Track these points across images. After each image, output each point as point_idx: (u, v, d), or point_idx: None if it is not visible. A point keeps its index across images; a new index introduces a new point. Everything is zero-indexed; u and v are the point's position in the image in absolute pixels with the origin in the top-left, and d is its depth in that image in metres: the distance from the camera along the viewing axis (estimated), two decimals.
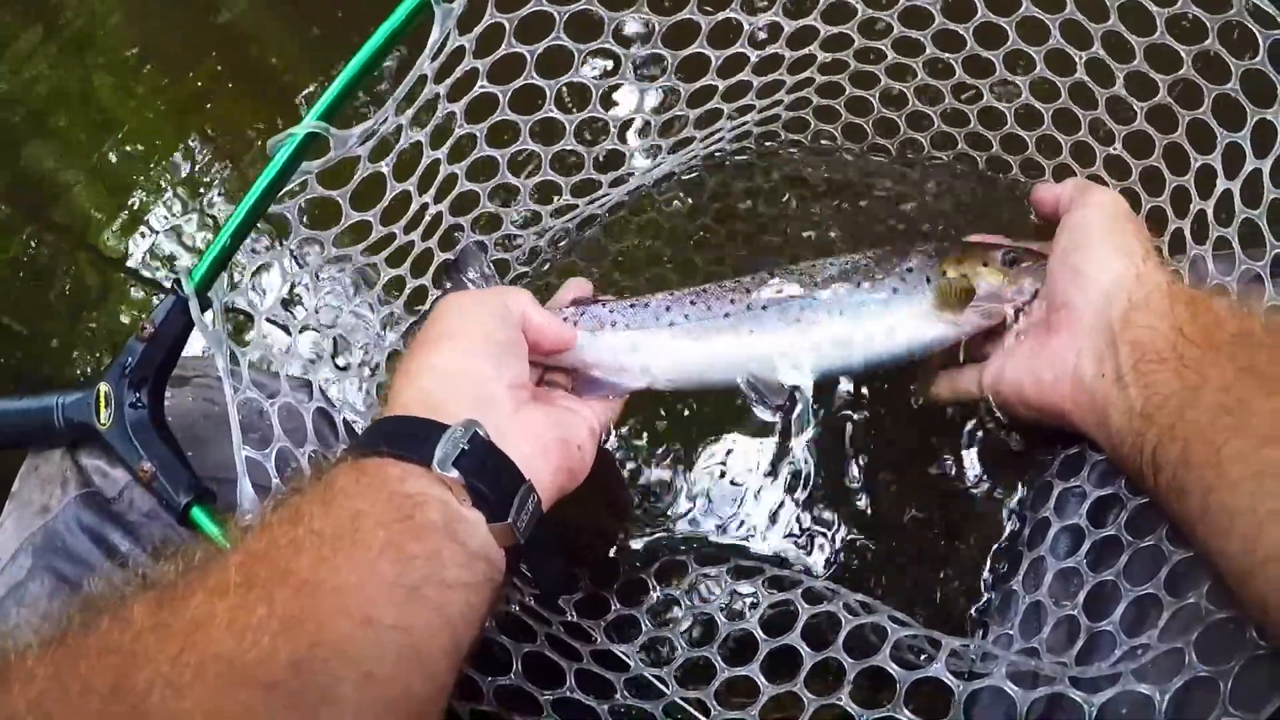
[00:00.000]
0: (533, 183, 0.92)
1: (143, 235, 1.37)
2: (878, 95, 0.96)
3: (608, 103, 0.91)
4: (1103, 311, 0.66)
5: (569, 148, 0.92)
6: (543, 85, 0.84)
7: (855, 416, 0.87)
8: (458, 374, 0.63)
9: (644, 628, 0.76)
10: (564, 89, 0.87)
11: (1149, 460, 0.58)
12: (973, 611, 0.78)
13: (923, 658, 0.64)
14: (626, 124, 0.96)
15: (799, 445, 0.87)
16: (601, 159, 0.96)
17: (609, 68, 0.90)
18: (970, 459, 0.84)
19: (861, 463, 0.87)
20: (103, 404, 0.65)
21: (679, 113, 0.96)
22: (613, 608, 0.78)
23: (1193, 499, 0.54)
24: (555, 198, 0.95)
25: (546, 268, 1.00)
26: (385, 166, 0.77)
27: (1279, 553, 0.48)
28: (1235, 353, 0.57)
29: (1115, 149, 0.83)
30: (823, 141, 1.03)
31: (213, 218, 1.36)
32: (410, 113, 0.74)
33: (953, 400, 0.80)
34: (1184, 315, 0.61)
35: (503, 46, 0.79)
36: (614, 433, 0.89)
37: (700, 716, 0.66)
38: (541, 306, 0.72)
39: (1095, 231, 0.70)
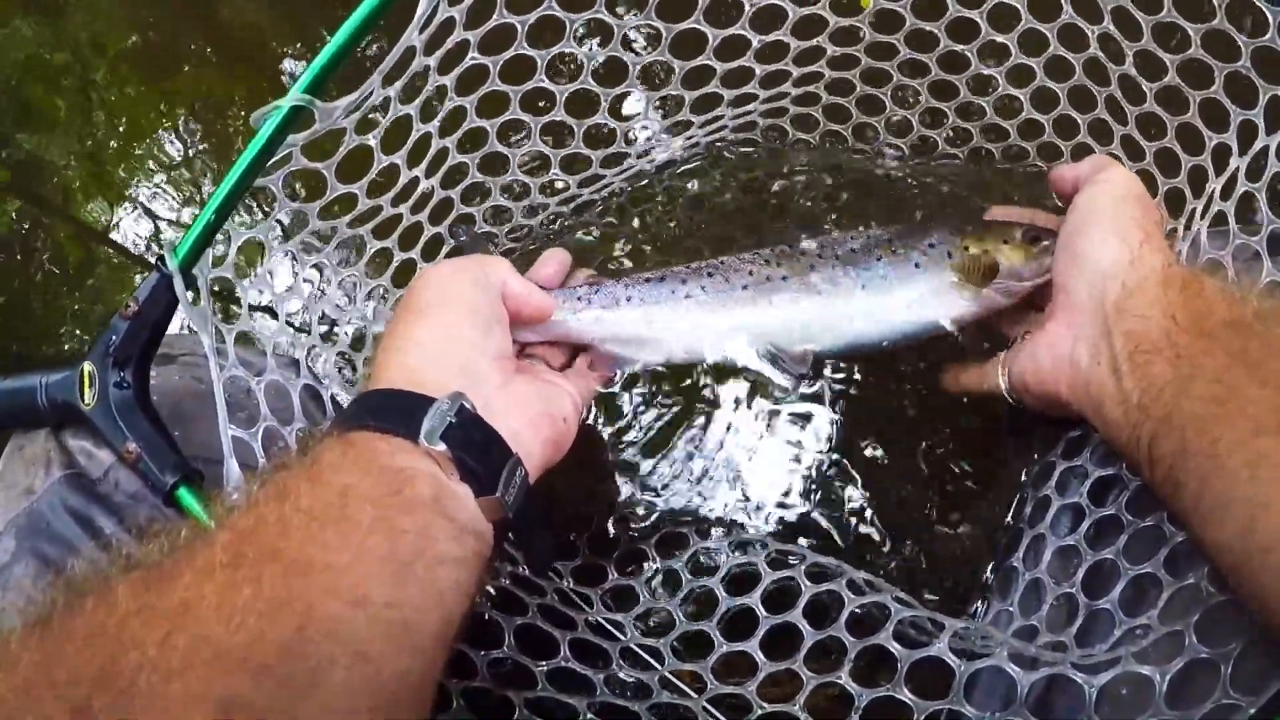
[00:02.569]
0: (521, 152, 0.90)
1: (128, 210, 1.36)
2: (889, 93, 0.94)
3: (600, 78, 0.89)
4: (1097, 297, 0.66)
5: (559, 118, 0.89)
6: (533, 56, 0.82)
7: (861, 390, 0.87)
8: (442, 347, 0.62)
9: (641, 598, 0.75)
10: (556, 60, 0.85)
11: (1146, 453, 0.58)
12: (977, 586, 0.78)
13: (924, 636, 0.64)
14: (620, 98, 0.93)
15: (803, 419, 0.87)
16: (595, 135, 0.94)
17: (601, 40, 0.88)
18: (975, 435, 0.84)
19: (865, 437, 0.86)
20: (87, 384, 0.64)
21: (673, 91, 0.94)
22: (610, 577, 0.77)
23: (1189, 489, 0.54)
24: (546, 172, 0.94)
25: (534, 246, 0.98)
26: (373, 139, 0.76)
27: (1275, 541, 0.48)
28: (1227, 340, 0.57)
29: (1128, 129, 0.83)
30: (829, 143, 1.01)
31: (199, 191, 1.35)
32: (399, 85, 0.73)
33: (982, 393, 0.79)
34: (1177, 301, 0.61)
35: (493, 17, 0.77)
36: (608, 401, 0.88)
37: (692, 694, 0.66)
38: (520, 275, 0.71)
39: (1097, 214, 0.69)
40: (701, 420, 0.88)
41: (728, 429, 0.88)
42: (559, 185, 0.96)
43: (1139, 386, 0.60)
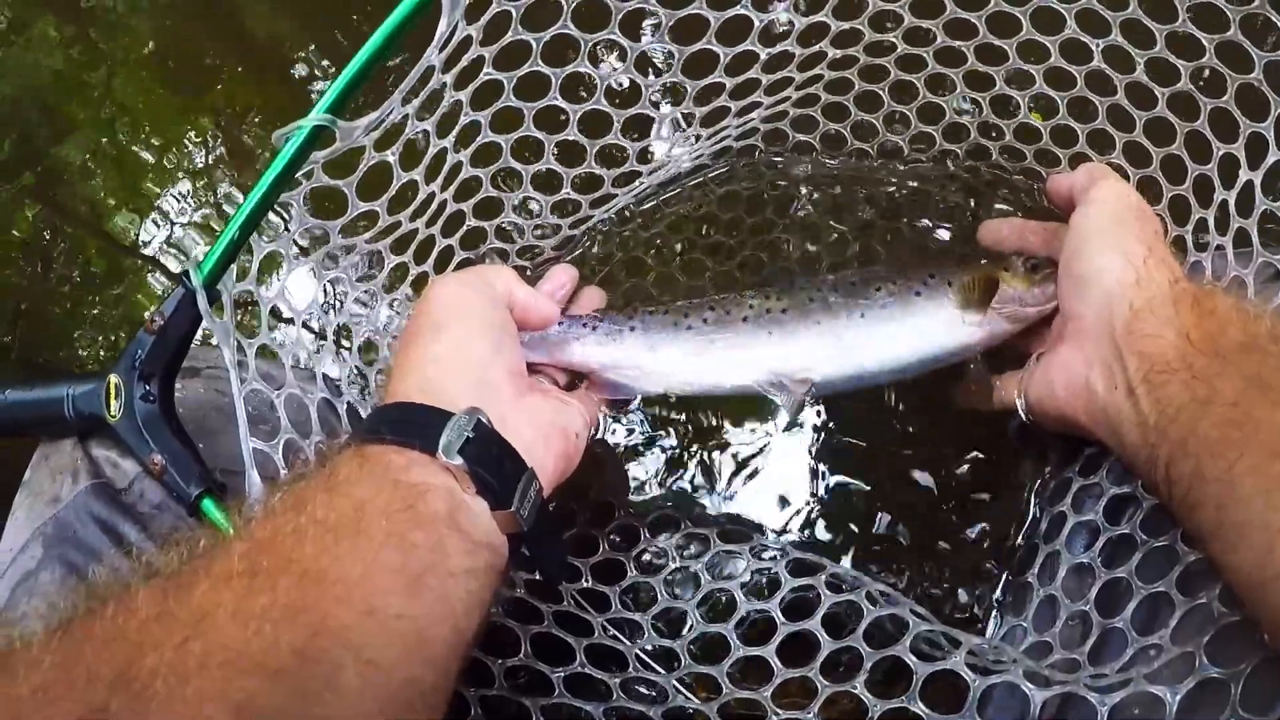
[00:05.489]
0: (534, 169, 0.91)
1: (154, 222, 1.38)
2: (887, 89, 0.94)
3: (613, 97, 0.89)
4: (1105, 320, 0.65)
5: (571, 138, 0.90)
6: (548, 73, 0.83)
7: (874, 404, 0.87)
8: (458, 362, 0.63)
9: (660, 598, 0.76)
10: (569, 79, 0.85)
11: (1163, 475, 0.58)
12: (993, 601, 0.78)
13: (939, 652, 0.64)
14: (633, 120, 0.93)
15: (817, 434, 0.87)
16: (607, 154, 0.94)
17: (616, 62, 0.88)
18: (988, 449, 0.84)
19: (878, 450, 0.86)
20: (113, 395, 0.65)
21: (686, 110, 0.94)
22: (629, 574, 0.78)
23: (1206, 513, 0.54)
24: (558, 189, 0.94)
25: (543, 267, 0.98)
26: (391, 156, 0.76)
27: None
28: (1241, 362, 0.57)
29: (1135, 135, 0.82)
30: (822, 152, 1.01)
31: (226, 206, 1.36)
32: (417, 103, 0.73)
33: (999, 409, 0.78)
34: (1190, 320, 0.61)
35: (509, 34, 0.77)
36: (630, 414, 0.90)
37: (697, 700, 0.67)
38: (524, 283, 0.72)
39: (1095, 234, 0.69)
40: (720, 431, 0.89)
41: (747, 439, 0.88)
42: (570, 205, 0.96)
43: (1155, 409, 0.59)
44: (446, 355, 0.63)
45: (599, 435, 0.87)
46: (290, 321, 0.78)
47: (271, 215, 0.68)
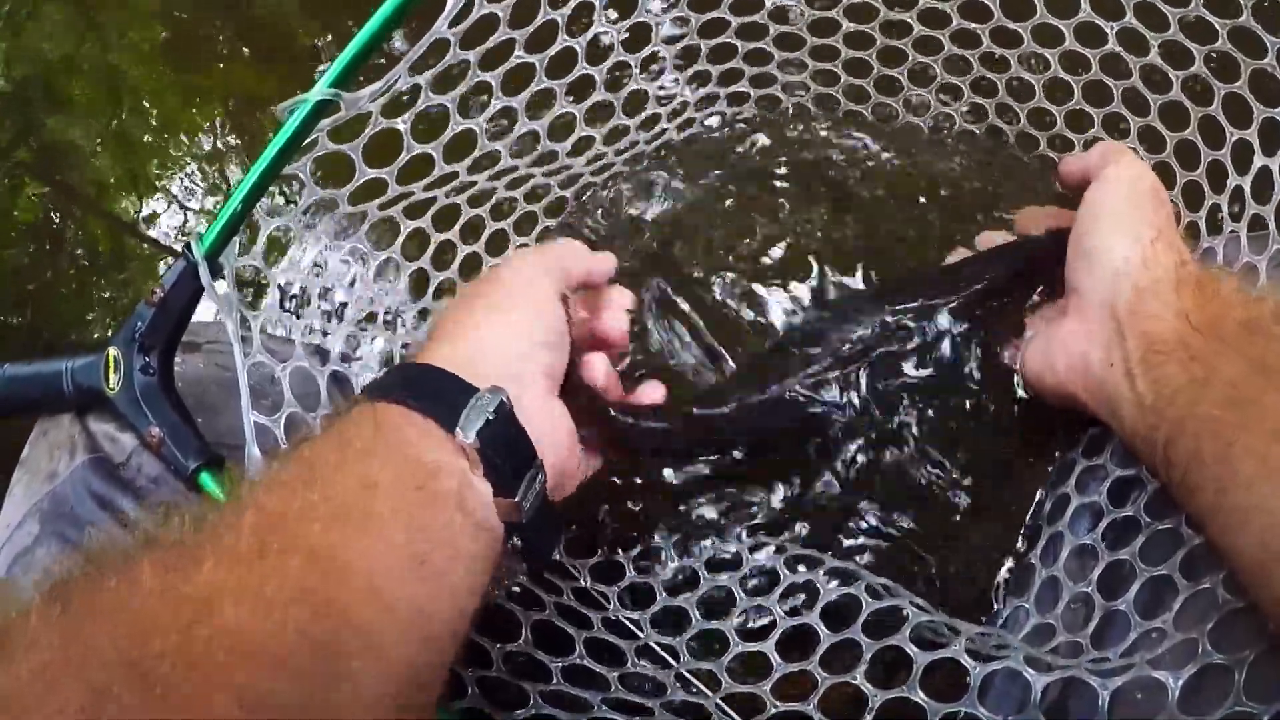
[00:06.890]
0: (548, 120, 0.89)
1: (157, 200, 1.38)
2: (905, 73, 0.94)
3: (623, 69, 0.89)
4: (1109, 299, 0.65)
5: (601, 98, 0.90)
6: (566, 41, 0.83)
7: (878, 394, 0.86)
8: (496, 347, 0.60)
9: (659, 597, 0.75)
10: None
11: (1162, 456, 0.58)
12: (991, 587, 0.77)
13: (940, 639, 0.63)
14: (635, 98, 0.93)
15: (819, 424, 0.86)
16: (621, 105, 0.94)
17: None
18: (995, 431, 0.82)
19: (882, 439, 0.85)
20: (111, 369, 0.65)
21: (700, 68, 0.93)
22: (627, 574, 0.77)
23: (1205, 496, 0.54)
24: (569, 140, 0.93)
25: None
26: (402, 124, 0.75)
27: None
28: (1243, 345, 0.56)
29: (1150, 120, 0.81)
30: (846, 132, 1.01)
31: (227, 183, 1.36)
32: (430, 75, 0.72)
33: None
34: (1190, 302, 0.60)
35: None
36: None
37: (707, 691, 0.66)
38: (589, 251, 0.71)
39: (1107, 213, 0.68)
40: None
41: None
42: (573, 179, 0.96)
43: (1153, 390, 0.59)
44: (490, 336, 0.61)
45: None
46: (297, 299, 0.77)
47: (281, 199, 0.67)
